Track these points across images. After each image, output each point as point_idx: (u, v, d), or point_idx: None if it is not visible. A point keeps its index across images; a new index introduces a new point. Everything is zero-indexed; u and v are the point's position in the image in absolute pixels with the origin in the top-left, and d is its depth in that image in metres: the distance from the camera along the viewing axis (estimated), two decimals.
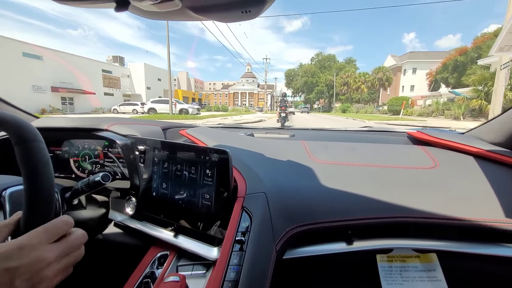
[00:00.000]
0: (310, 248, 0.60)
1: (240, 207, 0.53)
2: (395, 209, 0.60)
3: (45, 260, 0.32)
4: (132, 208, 0.70)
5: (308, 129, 1.36)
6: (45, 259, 0.32)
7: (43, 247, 0.33)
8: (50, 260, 0.33)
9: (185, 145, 0.60)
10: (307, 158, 0.77)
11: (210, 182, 0.56)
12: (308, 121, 15.83)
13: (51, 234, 0.35)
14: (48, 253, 0.33)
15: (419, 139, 0.96)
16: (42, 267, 0.32)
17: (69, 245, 0.36)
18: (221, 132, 0.98)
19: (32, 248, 0.32)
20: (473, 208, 0.60)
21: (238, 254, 0.44)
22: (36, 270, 0.31)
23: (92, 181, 0.55)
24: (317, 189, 0.65)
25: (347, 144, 0.92)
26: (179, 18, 0.33)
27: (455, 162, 0.75)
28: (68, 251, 0.36)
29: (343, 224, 0.58)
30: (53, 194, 0.38)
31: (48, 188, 0.37)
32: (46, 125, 0.79)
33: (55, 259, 0.33)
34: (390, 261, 0.64)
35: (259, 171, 0.66)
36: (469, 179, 0.68)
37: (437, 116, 17.98)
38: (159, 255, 0.59)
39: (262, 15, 0.33)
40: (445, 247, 0.61)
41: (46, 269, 0.32)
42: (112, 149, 0.80)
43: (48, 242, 0.34)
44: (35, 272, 0.31)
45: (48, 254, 0.33)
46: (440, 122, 12.07)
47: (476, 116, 14.50)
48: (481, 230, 0.60)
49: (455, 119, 15.24)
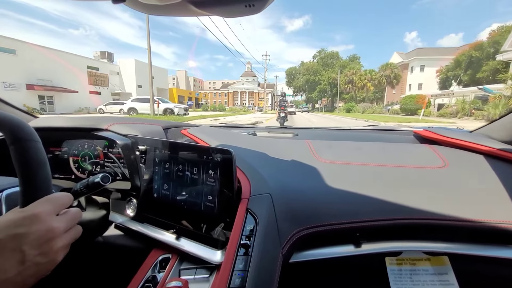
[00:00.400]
0: (317, 251, 0.58)
1: (244, 209, 0.51)
2: (404, 210, 0.58)
3: (54, 230, 0.33)
4: (133, 209, 0.69)
5: (311, 128, 1.35)
6: (54, 229, 0.33)
7: (51, 217, 0.33)
8: (58, 231, 0.33)
9: (187, 145, 0.58)
10: (312, 158, 0.75)
11: (213, 183, 0.54)
12: (312, 122, 13.83)
13: (56, 206, 0.35)
14: (56, 223, 0.33)
15: (426, 138, 0.93)
16: (52, 237, 0.32)
17: (72, 217, 0.37)
18: (224, 132, 0.97)
19: (40, 217, 0.32)
20: (486, 209, 0.58)
21: (243, 259, 0.42)
22: (46, 240, 0.32)
23: (92, 182, 0.54)
24: (323, 190, 0.63)
25: (353, 143, 0.89)
26: (180, 14, 0.31)
27: (465, 162, 0.73)
28: (71, 224, 0.36)
29: (350, 226, 0.56)
30: (50, 189, 0.37)
31: (44, 189, 0.36)
32: (45, 125, 0.78)
33: (63, 230, 0.34)
34: (399, 264, 0.62)
35: (263, 172, 0.64)
36: (481, 179, 0.66)
37: (463, 118, 14.90)
38: (161, 258, 0.58)
39: (265, 11, 0.31)
40: (457, 249, 0.59)
41: (55, 240, 0.33)
42: (112, 149, 0.78)
43: (54, 213, 0.34)
44: (45, 241, 0.31)
45: (57, 224, 0.33)
46: (473, 124, 9.83)
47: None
48: (494, 232, 0.57)
49: (488, 120, 12.88)
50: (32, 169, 0.35)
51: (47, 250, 0.32)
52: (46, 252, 0.32)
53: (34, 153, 0.36)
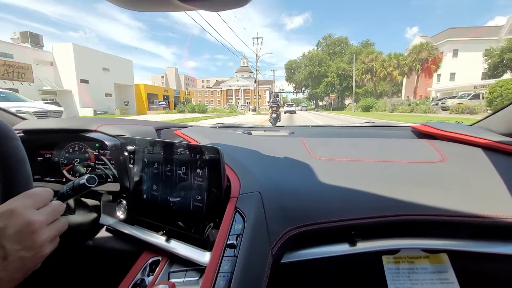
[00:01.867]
0: (310, 251, 0.56)
1: (233, 208, 0.50)
2: (401, 207, 0.56)
3: (34, 223, 0.32)
4: (123, 211, 0.68)
5: (308, 126, 1.33)
6: (34, 222, 0.32)
7: (30, 211, 0.33)
8: (39, 224, 0.32)
9: (175, 144, 0.57)
10: (306, 155, 0.74)
11: (201, 182, 0.53)
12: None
13: (35, 200, 0.34)
14: (36, 216, 0.33)
15: (424, 133, 0.92)
16: (32, 231, 0.32)
17: (53, 210, 0.36)
18: (218, 131, 0.96)
19: (17, 211, 0.31)
20: (486, 204, 0.56)
21: (230, 260, 0.41)
22: (27, 233, 0.31)
23: (77, 184, 0.53)
24: (316, 187, 0.61)
25: (349, 139, 0.88)
26: (165, 9, 0.30)
27: (463, 155, 0.71)
28: (53, 217, 0.36)
29: (345, 224, 0.55)
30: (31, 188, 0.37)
31: (24, 186, 0.35)
32: (32, 127, 0.77)
33: (43, 223, 0.33)
34: (397, 262, 0.60)
35: (255, 170, 0.63)
36: (479, 173, 0.64)
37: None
38: (151, 261, 0.57)
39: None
40: (457, 246, 0.57)
41: (36, 234, 0.32)
42: (103, 150, 0.77)
43: (34, 207, 0.34)
44: (26, 235, 0.31)
45: (37, 217, 0.33)
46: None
47: None
48: (494, 228, 0.55)
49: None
50: (10, 166, 0.34)
51: (30, 244, 0.31)
52: (30, 246, 0.31)
53: (12, 150, 0.35)
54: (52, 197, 0.37)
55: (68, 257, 0.70)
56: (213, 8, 0.30)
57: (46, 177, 0.79)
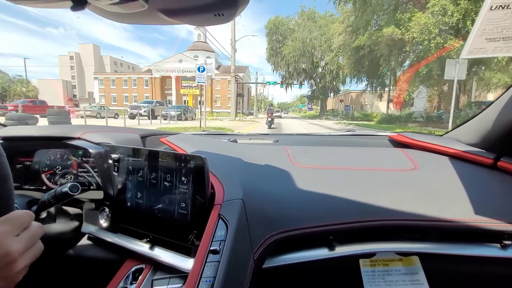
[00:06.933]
0: (291, 256, 0.59)
1: (216, 215, 0.51)
2: (376, 212, 0.60)
3: (13, 253, 0.30)
4: (106, 219, 0.68)
5: (292, 134, 1.39)
6: (13, 252, 0.30)
7: (10, 240, 0.31)
8: (17, 254, 0.31)
9: (160, 152, 0.58)
10: (288, 163, 0.76)
11: (186, 189, 0.54)
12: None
13: (16, 226, 0.32)
14: (15, 245, 0.31)
15: (400, 142, 0.97)
16: (9, 262, 0.30)
17: (32, 235, 0.34)
18: (203, 139, 0.98)
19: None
20: (452, 209, 0.61)
21: (213, 265, 0.42)
22: (4, 264, 0.30)
23: (60, 192, 0.52)
24: (297, 194, 0.64)
25: (329, 148, 0.92)
26: (149, 21, 0.31)
27: (433, 163, 0.76)
28: (32, 243, 0.34)
29: (324, 230, 0.57)
30: (11, 206, 0.36)
31: (5, 208, 0.34)
32: (13, 134, 0.75)
33: (21, 252, 0.31)
34: (373, 265, 0.63)
35: (238, 177, 0.64)
36: (447, 180, 0.69)
37: None
38: (134, 269, 0.57)
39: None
40: (426, 249, 0.61)
41: (13, 264, 0.30)
42: (86, 158, 0.77)
43: (13, 234, 0.32)
44: (3, 265, 0.29)
45: (16, 246, 0.31)
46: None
47: None
48: (460, 231, 0.60)
49: None
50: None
51: (5, 275, 0.30)
52: (5, 277, 0.30)
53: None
54: (34, 218, 0.36)
55: (48, 267, 0.68)
56: (195, 23, 0.31)
57: (25, 185, 0.77)
